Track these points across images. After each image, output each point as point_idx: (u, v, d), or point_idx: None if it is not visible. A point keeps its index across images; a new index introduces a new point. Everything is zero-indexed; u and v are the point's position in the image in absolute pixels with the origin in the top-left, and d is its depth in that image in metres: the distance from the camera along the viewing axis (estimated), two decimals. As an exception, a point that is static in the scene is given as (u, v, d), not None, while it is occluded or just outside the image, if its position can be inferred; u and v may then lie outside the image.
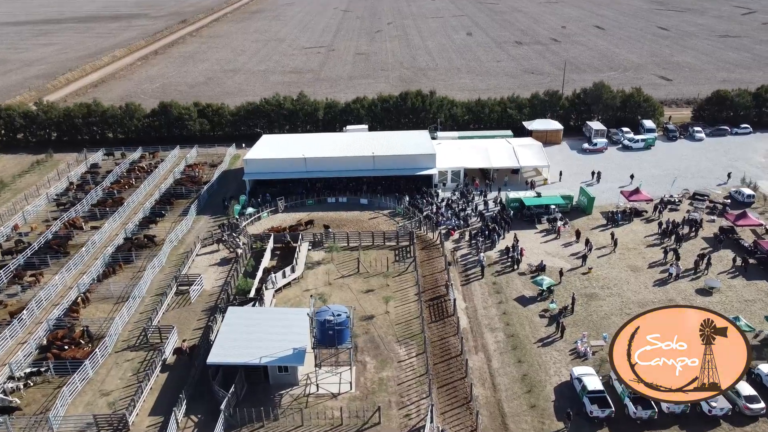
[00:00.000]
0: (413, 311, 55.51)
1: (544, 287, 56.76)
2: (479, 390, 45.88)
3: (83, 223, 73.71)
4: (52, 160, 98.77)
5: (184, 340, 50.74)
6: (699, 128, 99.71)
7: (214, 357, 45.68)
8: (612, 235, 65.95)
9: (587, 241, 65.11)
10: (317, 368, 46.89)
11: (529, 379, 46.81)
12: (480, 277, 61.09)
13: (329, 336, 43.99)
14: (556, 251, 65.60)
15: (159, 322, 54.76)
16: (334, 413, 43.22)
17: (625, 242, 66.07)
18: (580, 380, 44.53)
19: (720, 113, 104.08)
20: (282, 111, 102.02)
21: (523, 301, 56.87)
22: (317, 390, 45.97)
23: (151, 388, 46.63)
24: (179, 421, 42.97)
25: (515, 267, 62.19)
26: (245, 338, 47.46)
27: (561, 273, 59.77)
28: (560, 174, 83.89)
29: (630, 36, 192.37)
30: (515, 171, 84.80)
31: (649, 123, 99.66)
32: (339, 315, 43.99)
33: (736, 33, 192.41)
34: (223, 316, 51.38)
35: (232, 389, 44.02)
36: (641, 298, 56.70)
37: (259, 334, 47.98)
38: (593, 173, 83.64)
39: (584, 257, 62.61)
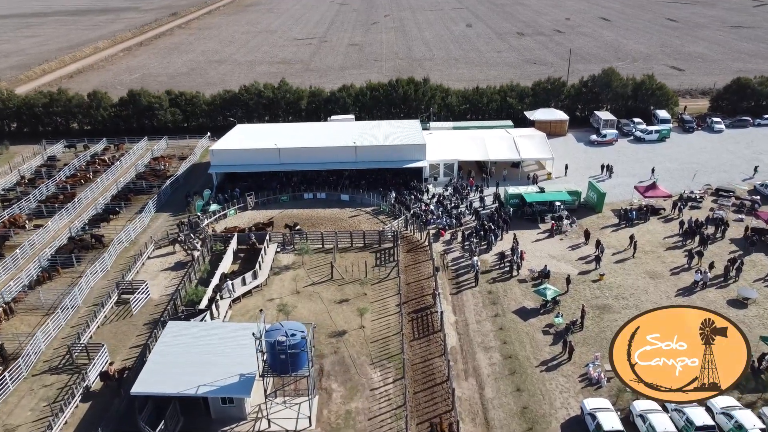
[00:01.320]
0: (393, 326, 46.80)
1: (548, 297, 48.00)
2: (468, 427, 37.12)
3: (26, 221, 65.16)
4: (8, 152, 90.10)
5: (111, 363, 41.99)
6: (718, 119, 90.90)
7: (141, 386, 36.98)
8: (631, 238, 57.04)
9: (598, 243, 56.31)
10: (270, 399, 38.18)
11: (530, 413, 38.05)
12: (473, 284, 52.34)
13: (281, 361, 35.26)
14: (562, 255, 56.80)
15: (91, 338, 46.13)
16: (287, 458, 34.60)
17: (642, 244, 57.23)
18: (593, 417, 35.75)
19: (740, 103, 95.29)
20: (261, 100, 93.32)
21: (524, 314, 48.10)
22: (269, 426, 37.28)
23: (66, 422, 38.01)
24: (91, 468, 34.36)
25: (514, 273, 53.43)
26: (183, 361, 38.79)
27: (568, 280, 50.97)
28: (566, 168, 75.10)
29: (638, 27, 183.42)
30: (515, 164, 76.06)
31: (663, 113, 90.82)
32: (293, 335, 35.24)
33: (749, 24, 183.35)
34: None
35: (161, 426, 35.37)
36: (663, 310, 47.80)
37: (200, 355, 39.33)
38: (603, 167, 74.85)
39: (598, 259, 53.84)
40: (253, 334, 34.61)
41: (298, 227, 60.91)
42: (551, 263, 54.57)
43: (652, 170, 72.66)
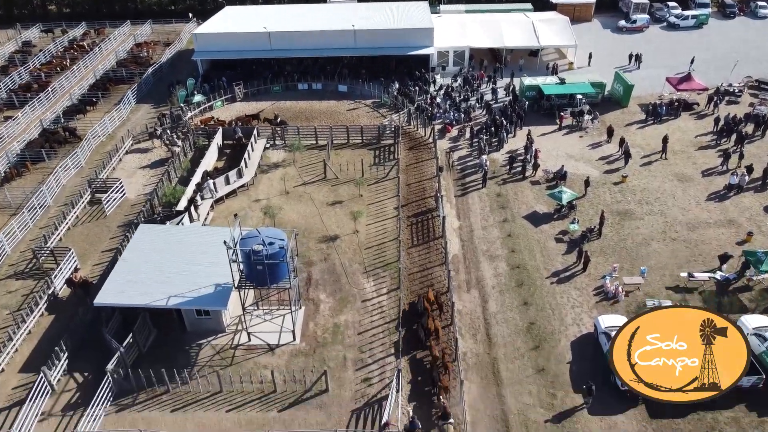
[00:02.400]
0: (390, 231, 42.43)
1: (564, 202, 43.03)
2: (468, 344, 33.55)
3: (-5, 113, 59.92)
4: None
5: (76, 269, 38.24)
6: (764, 2, 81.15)
7: (105, 296, 33.32)
8: (665, 140, 50.45)
9: (622, 141, 50.45)
10: (249, 311, 34.57)
11: (537, 329, 34.29)
12: (480, 186, 47.30)
13: (258, 272, 31.13)
14: (581, 154, 51.15)
15: (60, 240, 42.30)
16: (266, 375, 31.37)
17: (671, 143, 51.06)
18: (608, 336, 31.85)
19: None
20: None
21: (535, 219, 43.38)
22: (249, 340, 33.94)
23: (29, 332, 34.88)
24: (53, 382, 31.34)
25: (527, 174, 48.16)
26: (153, 269, 34.90)
27: (587, 183, 45.69)
28: (590, 57, 67.40)
29: None
30: (533, 53, 68.47)
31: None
32: (271, 243, 30.84)
33: None
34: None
35: (127, 341, 32.04)
36: (691, 217, 42.91)
37: (173, 263, 35.37)
38: (631, 56, 67.03)
39: (627, 155, 48.81)
40: (225, 242, 30.19)
41: (280, 120, 55.13)
42: (569, 163, 49.05)
43: (692, 60, 64.70)
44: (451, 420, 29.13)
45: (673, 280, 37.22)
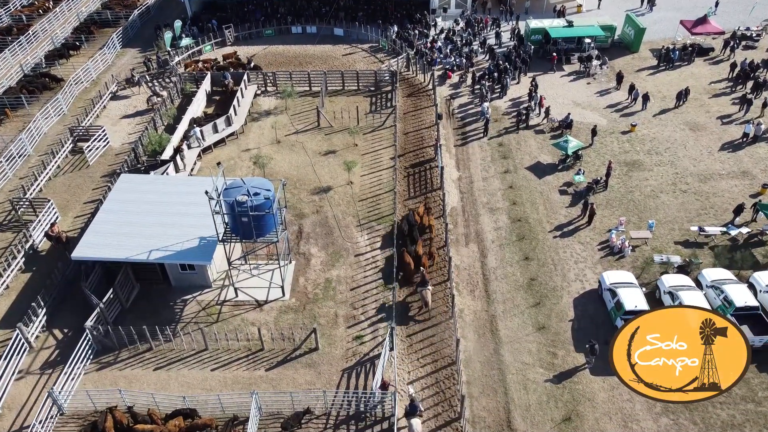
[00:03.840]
0: (386, 182, 40.41)
1: (569, 151, 40.80)
2: (465, 301, 32.01)
3: (-26, 57, 56.97)
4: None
5: (53, 222, 36.41)
6: (786, -59, 76.22)
7: (84, 249, 31.65)
8: (686, 92, 47.49)
9: (632, 88, 47.77)
10: (235, 266, 32.92)
11: (538, 285, 32.68)
12: (482, 135, 44.97)
13: (243, 224, 29.31)
14: (589, 101, 48.52)
15: (41, 191, 40.43)
16: (254, 333, 29.99)
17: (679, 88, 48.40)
18: (613, 293, 30.30)
19: None
20: None
21: (539, 170, 41.26)
22: (236, 296, 32.43)
23: (7, 287, 33.40)
24: (31, 339, 30.02)
25: (530, 122, 45.70)
26: (135, 221, 33.11)
27: (594, 132, 43.29)
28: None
29: None
30: (540, -6, 64.67)
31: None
32: (257, 194, 28.90)
33: None
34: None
35: (108, 296, 30.53)
36: (703, 168, 40.73)
37: (156, 215, 33.57)
38: (643, -2, 63.44)
39: (645, 99, 46.54)
40: (207, 192, 28.23)
41: (253, 65, 52.35)
42: (575, 111, 46.57)
43: (717, 3, 60.83)
44: (429, 287, 31.07)
45: (682, 235, 35.39)
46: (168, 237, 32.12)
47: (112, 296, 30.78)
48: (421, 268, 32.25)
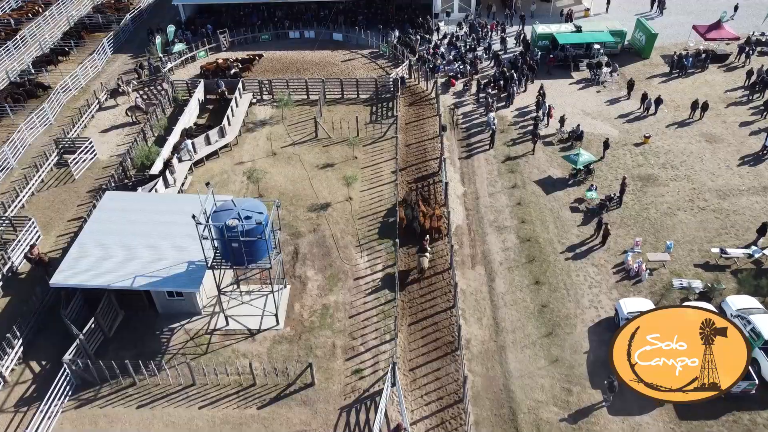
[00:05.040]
0: (387, 198, 38.29)
1: (580, 165, 38.66)
2: (472, 330, 29.88)
3: (-41, 64, 54.83)
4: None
5: (33, 245, 34.20)
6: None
7: (63, 275, 29.52)
8: (703, 107, 44.61)
9: (645, 97, 45.65)
10: (226, 294, 30.81)
11: (549, 313, 30.56)
12: (488, 147, 42.84)
13: (234, 250, 27.20)
14: (599, 111, 46.38)
15: (23, 207, 38.31)
16: (245, 366, 27.86)
17: (698, 98, 46.21)
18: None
19: None
20: None
21: (548, 185, 39.13)
22: (227, 324, 30.31)
23: (-17, 315, 31.30)
24: (5, 372, 27.91)
25: (539, 133, 43.53)
26: (119, 243, 31.00)
27: (606, 144, 41.11)
28: (608, 2, 61.49)
29: None
30: (546, -3, 62.57)
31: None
32: (248, 217, 26.78)
33: None
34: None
35: (89, 326, 28.42)
36: (722, 183, 38.59)
37: (141, 236, 31.43)
38: (653, 1, 61.16)
39: (658, 102, 44.68)
40: (194, 216, 26.10)
41: (234, 72, 50.69)
42: (585, 121, 44.45)
43: (736, 7, 58.67)
44: (427, 254, 32.59)
45: (702, 257, 33.26)
46: (154, 261, 30.01)
47: (93, 325, 28.67)
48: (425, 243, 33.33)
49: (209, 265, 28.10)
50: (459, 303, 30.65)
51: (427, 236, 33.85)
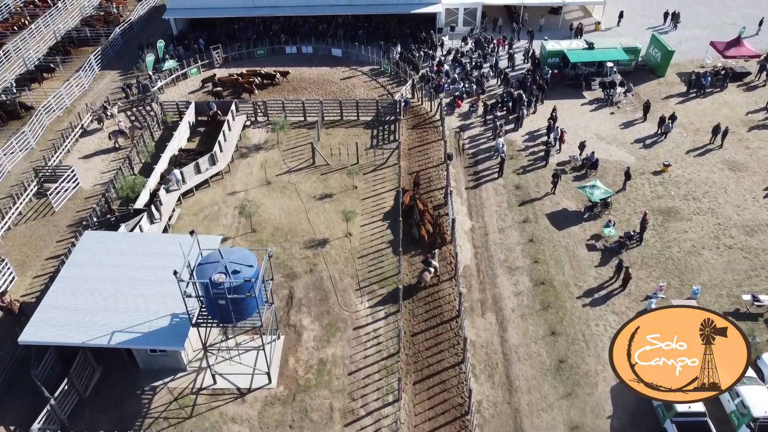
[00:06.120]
0: (389, 233, 35.62)
1: (595, 199, 35.99)
2: (483, 389, 27.22)
3: (-61, 81, 52.24)
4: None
5: (5, 291, 31.51)
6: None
7: (33, 331, 26.82)
8: (725, 132, 41.73)
9: (662, 121, 43.00)
10: (212, 351, 28.14)
11: (568, 369, 27.90)
12: (496, 175, 40.18)
13: (221, 307, 24.54)
14: (614, 135, 43.72)
15: (-2, 243, 35.71)
16: (234, 433, 25.23)
17: (715, 123, 43.52)
18: (660, 385, 25.68)
19: None
20: None
21: (562, 219, 36.47)
22: (214, 383, 27.63)
23: (-51, 370, 28.59)
24: (-32, 443, 25.30)
25: (552, 156, 40.90)
26: (96, 293, 28.34)
27: (627, 175, 38.30)
28: (620, 16, 58.87)
29: None
30: (555, 9, 59.90)
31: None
32: (237, 272, 24.11)
33: None
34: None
35: (61, 389, 25.75)
36: (749, 218, 35.93)
37: (121, 284, 28.76)
38: (667, 14, 58.53)
39: (672, 119, 42.19)
40: (175, 273, 23.39)
41: (215, 90, 48.62)
42: (599, 146, 41.85)
43: (761, 22, 56.04)
44: (431, 268, 31.53)
45: (732, 303, 30.61)
46: (135, 312, 27.38)
47: (67, 387, 26.01)
48: (432, 258, 32.51)
49: (193, 323, 25.40)
50: (469, 358, 27.98)
51: (435, 250, 33.08)
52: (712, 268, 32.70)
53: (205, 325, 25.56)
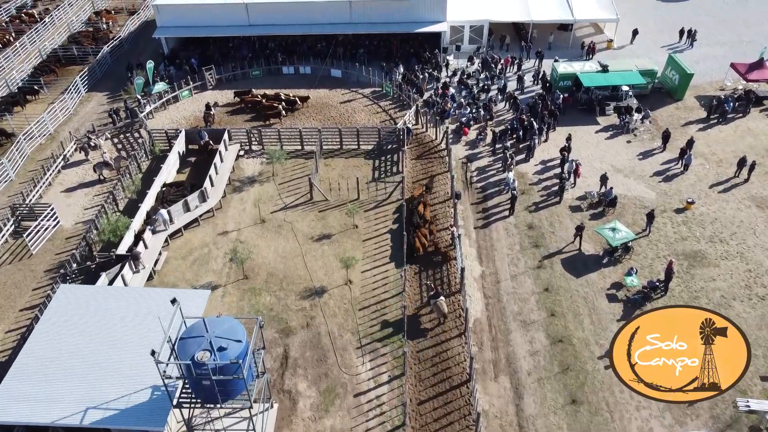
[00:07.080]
0: (392, 280, 32.91)
1: (615, 244, 33.24)
2: (499, 472, 24.51)
3: None
4: None
5: (-30, 354, 28.92)
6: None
7: (-3, 410, 24.13)
8: (752, 166, 38.75)
9: (684, 152, 40.25)
10: (204, 418, 25.39)
11: (592, 447, 25.20)
12: (507, 213, 37.45)
13: (205, 388, 21.81)
14: (632, 167, 40.99)
15: (-31, 292, 32.94)
16: None
17: (742, 150, 40.85)
18: (696, 470, 23.38)
19: None
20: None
21: (579, 263, 33.74)
22: (200, 462, 24.90)
23: None
24: None
25: (563, 196, 38.22)
26: (69, 358, 25.60)
27: (650, 217, 35.49)
28: (633, 34, 56.11)
29: None
30: (564, 26, 57.14)
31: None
32: (222, 349, 21.36)
33: None
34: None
35: (28, 473, 23.04)
36: (782, 263, 33.25)
37: (97, 347, 26.02)
38: (682, 32, 55.78)
39: (690, 144, 39.97)
40: (153, 353, 20.64)
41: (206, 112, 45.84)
42: (617, 180, 39.13)
43: None
44: (442, 297, 30.04)
45: (770, 366, 27.92)
46: (111, 384, 24.59)
47: (34, 471, 23.32)
48: (433, 285, 31.87)
49: (174, 403, 22.67)
50: (481, 430, 25.25)
51: (441, 297, 30.65)
52: (745, 323, 29.92)
53: (187, 406, 22.81)
